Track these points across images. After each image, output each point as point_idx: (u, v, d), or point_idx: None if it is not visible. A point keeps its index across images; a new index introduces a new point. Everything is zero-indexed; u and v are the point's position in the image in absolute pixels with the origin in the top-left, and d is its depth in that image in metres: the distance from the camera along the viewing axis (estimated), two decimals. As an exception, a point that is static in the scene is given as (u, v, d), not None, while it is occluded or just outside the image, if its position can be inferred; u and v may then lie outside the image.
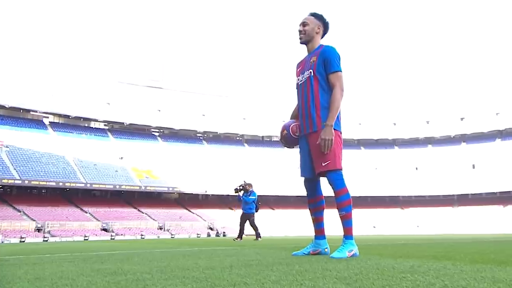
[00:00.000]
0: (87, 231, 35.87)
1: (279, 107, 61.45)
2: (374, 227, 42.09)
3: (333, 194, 3.37)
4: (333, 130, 3.29)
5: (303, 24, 3.56)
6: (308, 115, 3.44)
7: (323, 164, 3.30)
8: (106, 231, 37.49)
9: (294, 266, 2.52)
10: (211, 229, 41.97)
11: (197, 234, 38.25)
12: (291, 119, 3.75)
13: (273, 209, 48.63)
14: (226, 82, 63.36)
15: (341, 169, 3.37)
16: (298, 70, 3.66)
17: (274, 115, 60.63)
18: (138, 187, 44.24)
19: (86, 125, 53.61)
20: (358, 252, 3.32)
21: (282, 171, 50.83)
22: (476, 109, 55.44)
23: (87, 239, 32.03)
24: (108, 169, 44.75)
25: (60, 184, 40.54)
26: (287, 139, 3.62)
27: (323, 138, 3.26)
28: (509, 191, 45.06)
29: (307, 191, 3.66)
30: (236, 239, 11.33)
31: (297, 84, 3.62)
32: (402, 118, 58.89)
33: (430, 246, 5.10)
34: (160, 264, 2.91)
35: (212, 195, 48.67)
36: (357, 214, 3.28)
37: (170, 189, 45.90)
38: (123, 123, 53.80)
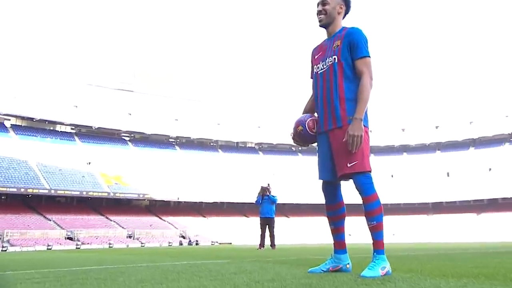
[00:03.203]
0: (50, 240, 34.51)
1: (254, 112, 61.52)
2: (350, 235, 41.96)
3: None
4: (362, 125, 2.90)
5: (323, 3, 3.13)
6: (331, 108, 3.01)
7: (348, 165, 2.89)
8: (71, 240, 36.31)
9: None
10: (183, 237, 41.49)
11: (169, 243, 37.79)
12: (304, 113, 3.31)
13: (247, 216, 48.24)
14: (200, 86, 63.13)
15: (371, 171, 2.96)
16: (317, 57, 3.23)
17: (249, 120, 60.63)
18: (106, 194, 43.15)
19: (51, 128, 51.87)
20: (390, 270, 2.87)
21: (257, 178, 50.50)
22: (451, 118, 56.71)
23: (50, 249, 30.81)
24: (74, 175, 43.39)
25: (22, 190, 38.97)
26: (303, 137, 3.18)
27: (352, 134, 2.86)
28: (483, 199, 46.21)
29: (325, 196, 3.21)
30: (260, 248, 10.89)
31: (316, 73, 3.18)
32: (377, 126, 59.62)
33: (448, 259, 4.71)
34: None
35: (184, 202, 48.02)
36: None
37: (141, 195, 45.07)
38: (91, 127, 52.44)
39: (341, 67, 3.00)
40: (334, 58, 3.03)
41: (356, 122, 2.88)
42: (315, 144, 3.24)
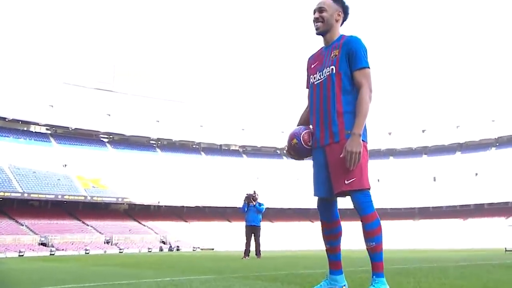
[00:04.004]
0: (22, 246, 33.71)
1: (238, 114, 61.39)
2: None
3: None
4: (361, 141, 2.82)
5: (320, 9, 3.07)
6: (328, 121, 2.96)
7: (346, 182, 2.82)
8: (45, 246, 35.55)
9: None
10: (164, 242, 41.18)
11: (148, 249, 37.37)
12: (299, 124, 3.25)
13: (230, 221, 48.13)
14: (182, 87, 62.34)
15: (369, 189, 2.88)
16: (313, 66, 3.17)
17: (233, 123, 60.59)
18: (83, 197, 42.63)
19: (25, 129, 50.92)
20: None
21: (241, 182, 50.61)
22: (437, 122, 57.52)
23: (22, 255, 30.07)
24: (49, 178, 42.67)
25: (-7, 193, 38.06)
26: (297, 150, 3.09)
27: (350, 150, 2.78)
28: (469, 205, 46.92)
29: (321, 214, 3.13)
30: (244, 257, 10.80)
31: (312, 83, 3.12)
32: (364, 129, 60.20)
33: (443, 276, 4.66)
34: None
35: (165, 206, 47.58)
36: (316, 227, 2.88)
37: (119, 199, 44.61)
38: (68, 127, 51.70)
39: (339, 78, 2.93)
40: (332, 69, 2.96)
41: (355, 138, 2.81)
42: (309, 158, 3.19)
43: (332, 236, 3.11)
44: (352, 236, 11.99)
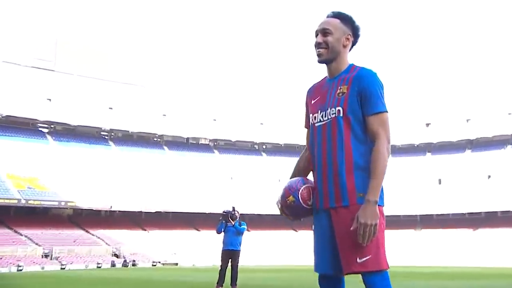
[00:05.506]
0: None
1: (209, 102, 61.17)
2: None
3: None
4: (377, 209, 2.54)
5: (324, 32, 2.80)
6: (334, 178, 2.69)
7: (358, 261, 2.57)
8: (-34, 262, 34.26)
9: None
10: (117, 256, 41.37)
11: (98, 264, 37.29)
12: (294, 176, 2.99)
13: (198, 230, 48.25)
14: (141, 68, 62.77)
15: (388, 269, 2.62)
16: (314, 102, 2.91)
17: (203, 112, 61.12)
18: (16, 201, 41.87)
19: None
20: None
21: (212, 183, 50.88)
22: (444, 114, 58.50)
23: None
24: (-28, 176, 41.99)
25: None
26: (293, 209, 2.82)
27: (364, 222, 2.50)
28: (480, 213, 47.46)
29: None
30: (217, 287, 10.53)
31: (312, 124, 2.88)
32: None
33: None
34: None
35: (119, 211, 47.37)
36: (306, 236, 1.92)
37: (63, 203, 44.23)
38: (-2, 115, 51.23)
39: (348, 123, 2.70)
40: (339, 111, 2.72)
41: (369, 206, 2.54)
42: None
43: None
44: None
